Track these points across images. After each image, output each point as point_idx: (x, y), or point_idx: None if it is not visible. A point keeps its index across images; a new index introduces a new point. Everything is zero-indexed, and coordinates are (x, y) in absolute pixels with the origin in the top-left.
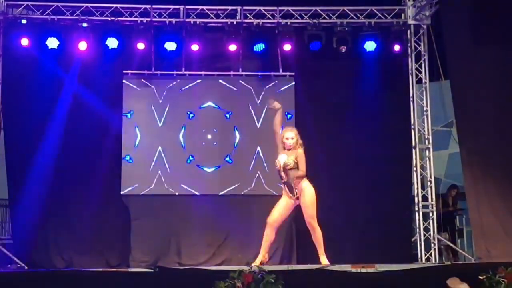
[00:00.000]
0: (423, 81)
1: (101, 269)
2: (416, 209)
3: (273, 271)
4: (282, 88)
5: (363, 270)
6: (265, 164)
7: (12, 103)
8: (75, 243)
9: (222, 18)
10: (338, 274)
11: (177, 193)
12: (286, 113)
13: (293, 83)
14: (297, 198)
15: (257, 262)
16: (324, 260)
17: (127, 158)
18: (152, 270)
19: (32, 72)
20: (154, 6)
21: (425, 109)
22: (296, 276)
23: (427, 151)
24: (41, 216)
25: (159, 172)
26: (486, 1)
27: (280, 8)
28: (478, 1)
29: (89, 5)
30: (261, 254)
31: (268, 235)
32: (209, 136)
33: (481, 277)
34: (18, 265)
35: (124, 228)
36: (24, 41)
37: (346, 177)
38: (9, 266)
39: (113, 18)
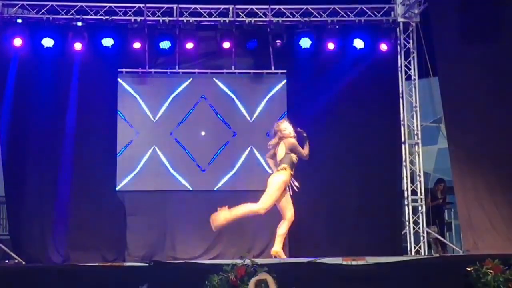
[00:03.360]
0: (412, 77)
1: (97, 264)
2: (406, 203)
3: (266, 264)
4: (274, 85)
5: (354, 262)
6: (257, 160)
7: (8, 101)
8: (72, 238)
9: (215, 16)
10: (329, 266)
11: (171, 189)
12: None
13: (285, 80)
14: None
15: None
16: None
17: (122, 154)
18: (147, 265)
19: (27, 70)
20: (147, 5)
21: (414, 105)
22: (288, 269)
23: (416, 147)
24: (37, 212)
25: (154, 168)
26: None
27: (272, 6)
28: None
29: (83, 4)
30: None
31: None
32: (203, 133)
33: (469, 269)
34: (16, 261)
35: (120, 223)
36: (19, 41)
37: (337, 172)
38: (7, 261)
39: (107, 17)
